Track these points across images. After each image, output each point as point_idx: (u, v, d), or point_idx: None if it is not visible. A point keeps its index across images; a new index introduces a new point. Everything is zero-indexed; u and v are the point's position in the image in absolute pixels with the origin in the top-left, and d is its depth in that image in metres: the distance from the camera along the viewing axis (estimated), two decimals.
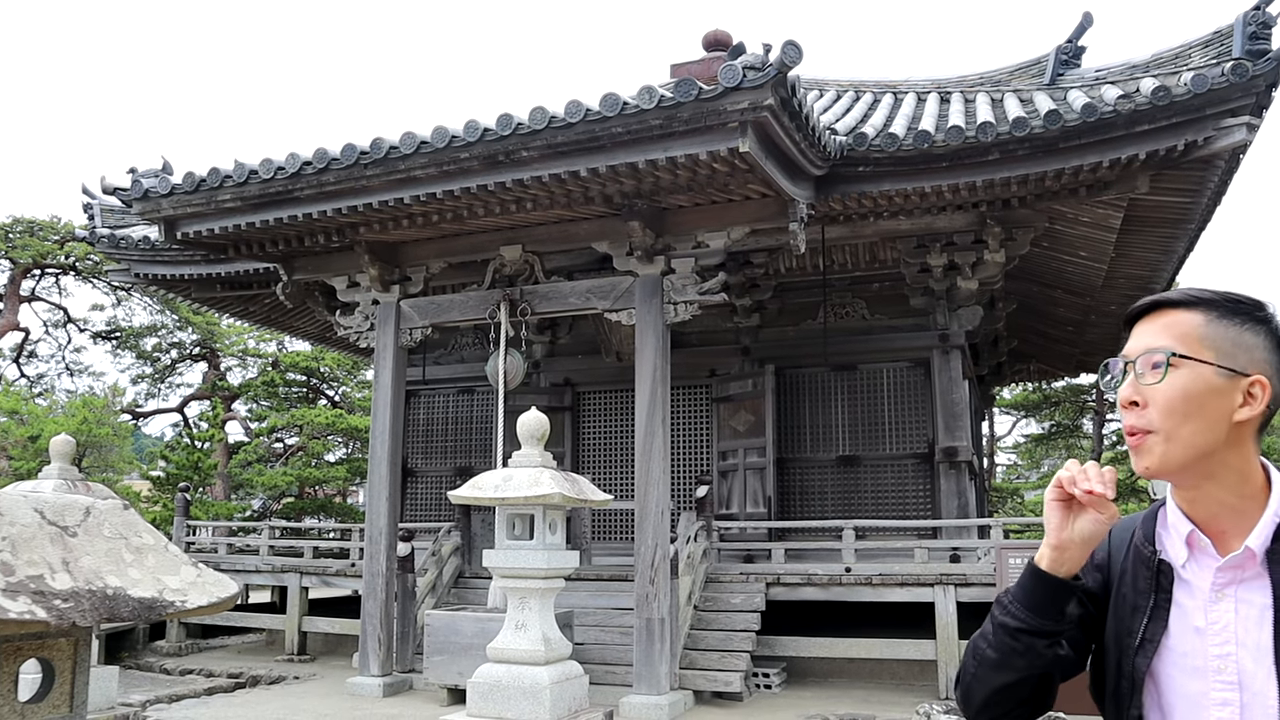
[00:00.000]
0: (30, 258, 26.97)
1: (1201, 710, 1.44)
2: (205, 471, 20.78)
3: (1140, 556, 1.56)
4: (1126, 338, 1.56)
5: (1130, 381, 1.49)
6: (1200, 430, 1.44)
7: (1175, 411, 1.44)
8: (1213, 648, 1.44)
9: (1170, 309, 1.51)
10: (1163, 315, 1.52)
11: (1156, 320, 1.52)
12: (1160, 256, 12.61)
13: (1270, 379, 1.45)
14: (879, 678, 11.03)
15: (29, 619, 2.21)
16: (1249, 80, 8.85)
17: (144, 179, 10.70)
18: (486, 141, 8.88)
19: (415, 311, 11.64)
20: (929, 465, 12.92)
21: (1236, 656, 1.42)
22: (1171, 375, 1.45)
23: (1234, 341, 1.46)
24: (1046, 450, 32.02)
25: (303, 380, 29.39)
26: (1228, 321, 1.47)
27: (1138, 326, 1.54)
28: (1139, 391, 1.48)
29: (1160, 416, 1.45)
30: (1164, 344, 1.47)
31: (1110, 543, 1.64)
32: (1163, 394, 1.45)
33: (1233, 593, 1.45)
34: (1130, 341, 1.54)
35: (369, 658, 10.86)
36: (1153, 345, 1.48)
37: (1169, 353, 1.46)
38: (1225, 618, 1.44)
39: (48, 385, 30.72)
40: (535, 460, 7.98)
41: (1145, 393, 1.47)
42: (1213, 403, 1.44)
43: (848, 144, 9.92)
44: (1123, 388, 1.50)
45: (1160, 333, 1.50)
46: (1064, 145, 9.42)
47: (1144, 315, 1.54)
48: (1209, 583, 1.47)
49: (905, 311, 13.45)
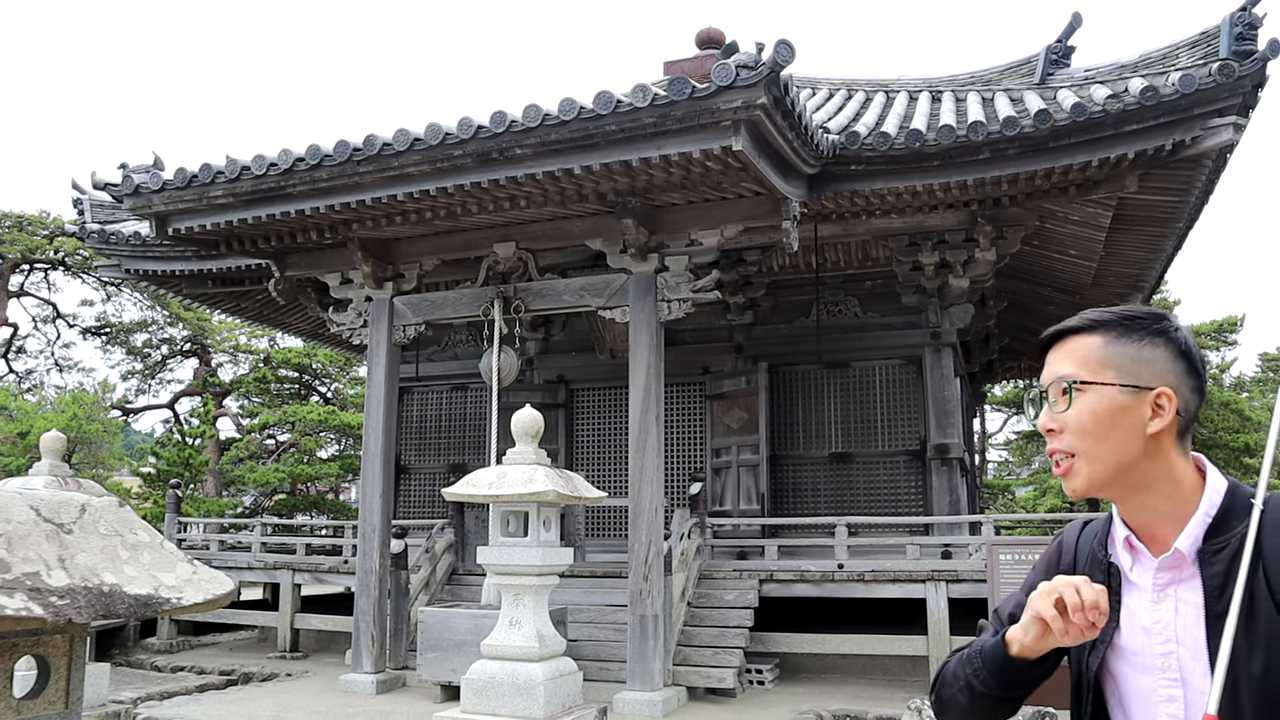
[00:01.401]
0: (19, 253, 26.88)
1: (1153, 706, 1.49)
2: (196, 468, 20.75)
3: (1095, 561, 1.62)
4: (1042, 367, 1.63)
5: (1045, 411, 1.57)
6: (1116, 447, 1.50)
7: (1088, 433, 1.51)
8: (1157, 646, 1.49)
9: (1072, 336, 1.58)
10: (1067, 343, 1.59)
11: (1062, 348, 1.59)
12: (1149, 255, 12.68)
13: (1175, 388, 1.50)
14: (871, 673, 11.08)
15: (25, 616, 2.22)
16: (1236, 80, 8.91)
17: (135, 174, 10.68)
18: (480, 139, 8.88)
19: (408, 308, 11.63)
20: (921, 462, 12.97)
21: (1178, 654, 1.47)
22: (1078, 400, 1.52)
23: (1134, 358, 1.52)
24: (1037, 447, 32.11)
25: (295, 377, 29.36)
26: (1126, 340, 1.53)
27: (1049, 356, 1.61)
28: (1054, 419, 1.55)
29: (1075, 439, 1.52)
30: (1068, 371, 1.55)
31: (1076, 549, 1.70)
32: (1073, 419, 1.52)
33: (1173, 593, 1.49)
34: (1044, 371, 1.61)
35: (362, 655, 10.86)
36: (1059, 374, 1.56)
37: (1070, 380, 1.53)
38: (1166, 617, 1.49)
39: (37, 381, 30.65)
40: (529, 457, 7.99)
41: (1059, 419, 1.54)
42: (1122, 420, 1.50)
43: (840, 143, 9.95)
44: (1041, 416, 1.58)
45: (1064, 360, 1.57)
46: (1054, 144, 9.47)
47: (1052, 345, 1.61)
48: (1151, 584, 1.52)
49: (897, 309, 13.49)
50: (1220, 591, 1.43)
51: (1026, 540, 11.08)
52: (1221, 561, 1.45)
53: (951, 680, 1.67)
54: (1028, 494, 31.41)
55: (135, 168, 11.03)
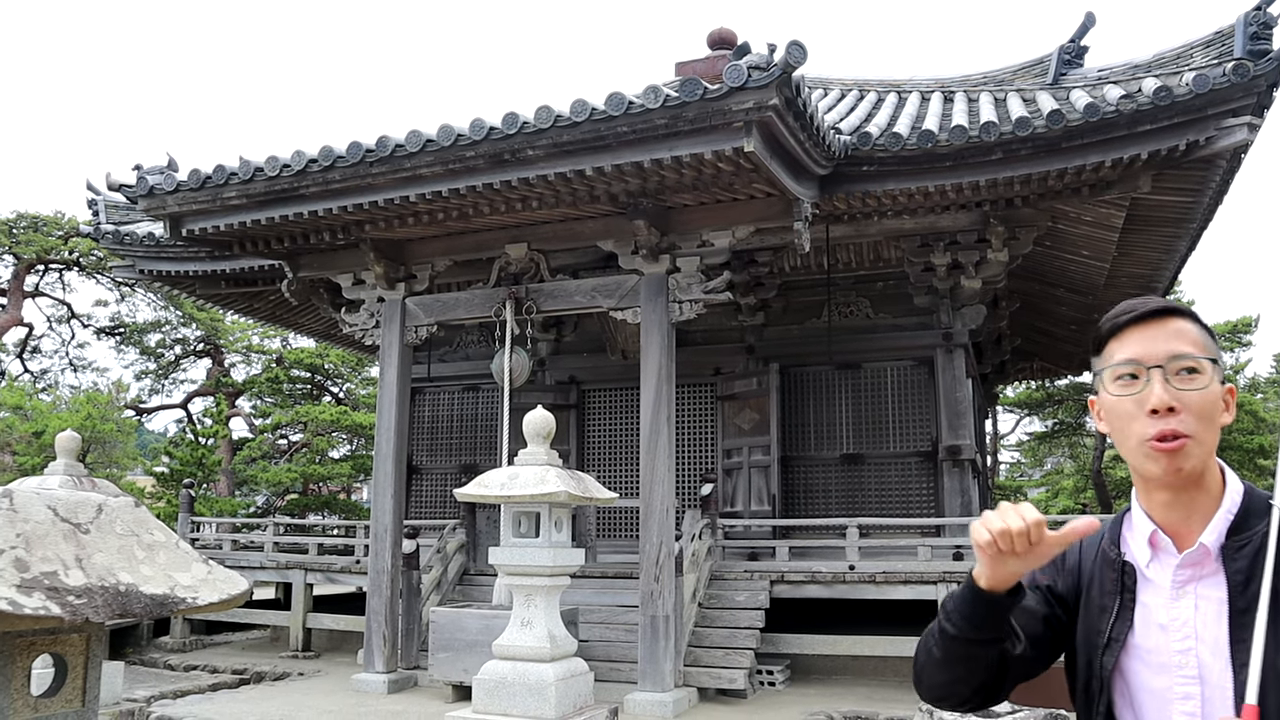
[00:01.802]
0: (34, 253, 27.02)
1: (1166, 705, 1.48)
2: (209, 468, 20.85)
3: (1106, 559, 1.60)
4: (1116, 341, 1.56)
5: (1165, 387, 1.48)
6: (1215, 433, 1.50)
7: (1205, 417, 1.48)
8: (1174, 643, 1.48)
9: (1175, 316, 1.54)
10: (1170, 322, 1.53)
11: (1165, 326, 1.53)
12: (1162, 256, 12.62)
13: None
14: (882, 675, 11.05)
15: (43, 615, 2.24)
16: (1250, 80, 8.86)
17: (149, 176, 10.73)
18: (492, 140, 8.90)
19: (420, 309, 11.66)
20: (932, 463, 12.94)
21: (1196, 651, 1.46)
22: (1197, 380, 1.48)
23: (1218, 353, 1.52)
24: (1049, 448, 32.00)
25: (307, 377, 29.44)
26: (1210, 335, 1.54)
27: (1139, 330, 1.54)
28: (1176, 396, 1.48)
29: (1195, 422, 1.48)
30: (1189, 350, 1.50)
31: (1081, 546, 1.67)
32: (1198, 400, 1.48)
33: (1193, 589, 1.49)
34: (1138, 345, 1.53)
35: (374, 654, 10.89)
36: (1180, 350, 1.50)
37: (1203, 357, 1.49)
38: (1185, 614, 1.48)
39: (51, 381, 30.79)
40: (541, 458, 8.01)
41: (1182, 398, 1.48)
42: (1217, 409, 1.50)
43: (852, 143, 9.93)
44: (1159, 392, 1.48)
45: (1176, 339, 1.51)
46: (1067, 145, 9.44)
47: (1146, 320, 1.54)
48: (1171, 581, 1.51)
49: (909, 310, 13.46)
50: (1244, 587, 1.43)
51: None
52: (1245, 558, 1.45)
53: (924, 640, 1.65)
54: (1040, 495, 31.31)
55: (149, 169, 11.08)
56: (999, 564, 1.45)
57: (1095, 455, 25.41)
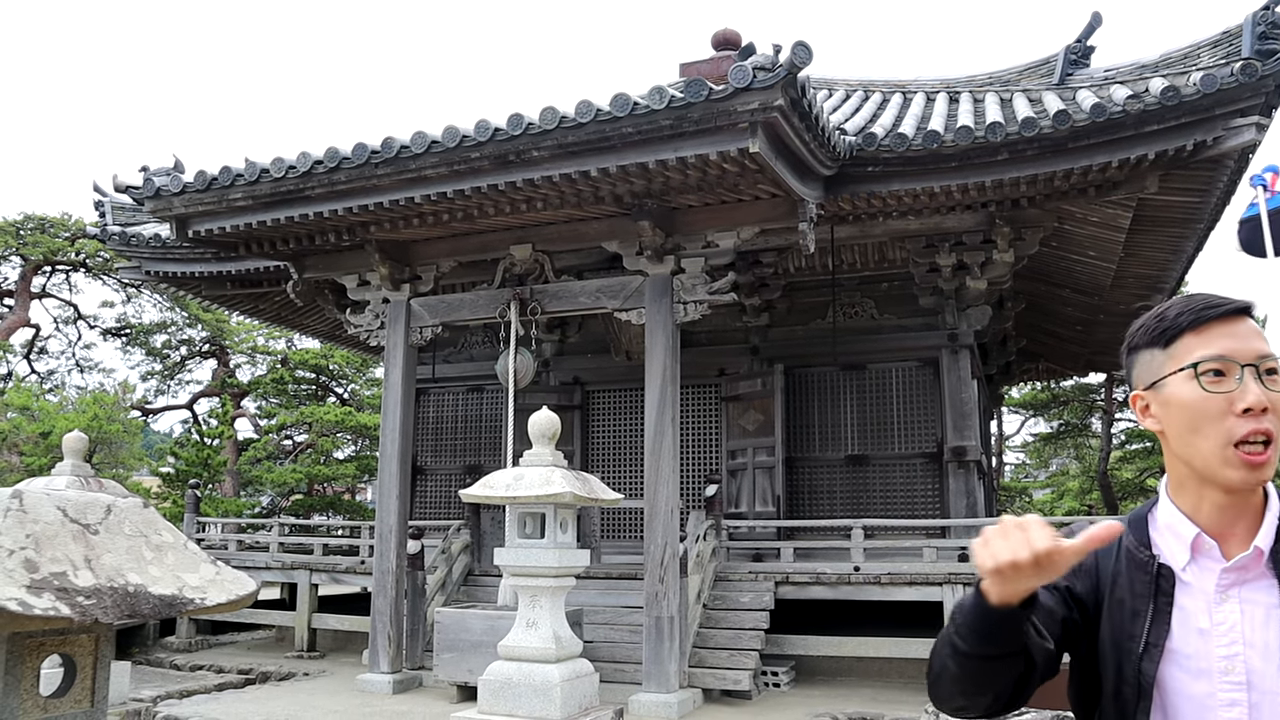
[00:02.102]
0: (41, 254, 27.09)
1: (1208, 712, 1.44)
2: (214, 468, 20.87)
3: (1135, 561, 1.55)
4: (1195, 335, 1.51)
5: (1259, 385, 1.45)
6: None
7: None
8: (1219, 649, 1.44)
9: (1247, 316, 1.52)
10: (1249, 321, 1.51)
11: (1248, 324, 1.50)
12: (1169, 256, 12.59)
13: None
14: (887, 677, 11.04)
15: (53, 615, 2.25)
16: (1258, 80, 8.83)
17: (156, 177, 10.76)
18: (497, 141, 8.91)
19: (425, 310, 11.68)
20: (938, 464, 12.92)
21: (1244, 657, 1.42)
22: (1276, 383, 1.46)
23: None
24: (1055, 449, 31.93)
25: (312, 378, 29.47)
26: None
27: (1224, 326, 1.50)
28: (1269, 397, 1.44)
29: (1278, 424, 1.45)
30: (1274, 351, 1.48)
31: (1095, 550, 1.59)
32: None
33: (1236, 594, 1.46)
34: (1227, 341, 1.48)
35: (379, 655, 10.91)
36: (1266, 351, 1.48)
37: None
38: (1231, 618, 1.44)
39: (58, 381, 30.85)
40: (546, 459, 8.01)
41: (1272, 399, 1.45)
42: None
43: (857, 144, 9.92)
44: (1255, 391, 1.44)
45: (1259, 338, 1.49)
46: (1073, 145, 9.42)
47: (1232, 317, 1.50)
48: (1212, 584, 1.47)
49: (914, 311, 13.44)
50: None
51: None
52: None
53: (938, 649, 1.55)
54: (1045, 497, 31.24)
55: (155, 170, 11.11)
56: (1009, 583, 1.35)
57: (1101, 457, 25.35)
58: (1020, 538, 1.32)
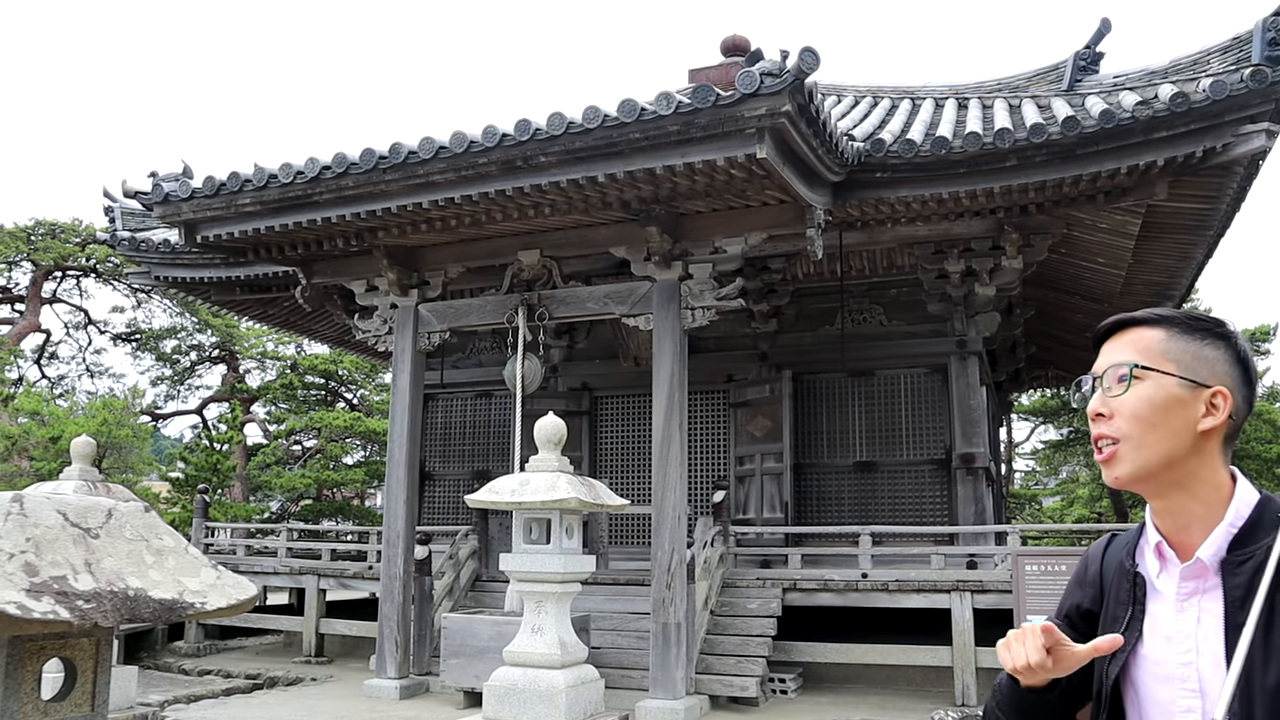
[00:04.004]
0: (52, 260, 27.23)
1: (1170, 717, 1.49)
2: (224, 473, 20.92)
3: (1122, 570, 1.62)
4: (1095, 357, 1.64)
5: (1098, 395, 1.57)
6: (1165, 438, 1.50)
7: (1141, 419, 1.51)
8: (1178, 656, 1.48)
9: (1134, 327, 1.59)
10: (1127, 333, 1.59)
11: (1121, 338, 1.60)
12: (1179, 263, 12.53)
13: (1232, 391, 1.51)
14: (895, 684, 11.00)
15: (52, 619, 2.25)
16: (1268, 86, 8.79)
17: (164, 183, 10.80)
18: (505, 147, 8.92)
19: (433, 315, 11.69)
20: (946, 471, 12.88)
21: (1197, 664, 1.46)
22: (1136, 386, 1.52)
23: (1194, 355, 1.53)
24: (1065, 457, 31.82)
25: (321, 383, 29.55)
26: (1188, 337, 1.55)
27: (1105, 345, 1.62)
28: (1106, 403, 1.55)
29: (1127, 424, 1.52)
30: (1128, 358, 1.55)
31: (1104, 559, 1.70)
32: (1128, 404, 1.52)
33: (1196, 602, 1.49)
34: (1099, 359, 1.61)
35: (386, 660, 10.90)
36: (1117, 360, 1.56)
37: (1132, 365, 1.53)
38: (1188, 627, 1.48)
39: (68, 386, 31.02)
40: (552, 465, 8.01)
41: (1112, 404, 1.54)
42: (1177, 412, 1.50)
43: (865, 150, 9.91)
44: (1092, 401, 1.58)
45: (1124, 348, 1.57)
46: (1082, 151, 9.39)
47: (1110, 335, 1.63)
48: (1176, 593, 1.52)
49: (923, 318, 13.41)
50: (1242, 603, 1.42)
51: (1053, 551, 10.95)
52: (1245, 573, 1.43)
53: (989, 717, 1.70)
54: (1055, 504, 31.13)
55: (165, 176, 11.14)
56: (1030, 678, 1.52)
57: None
58: (1019, 650, 1.51)
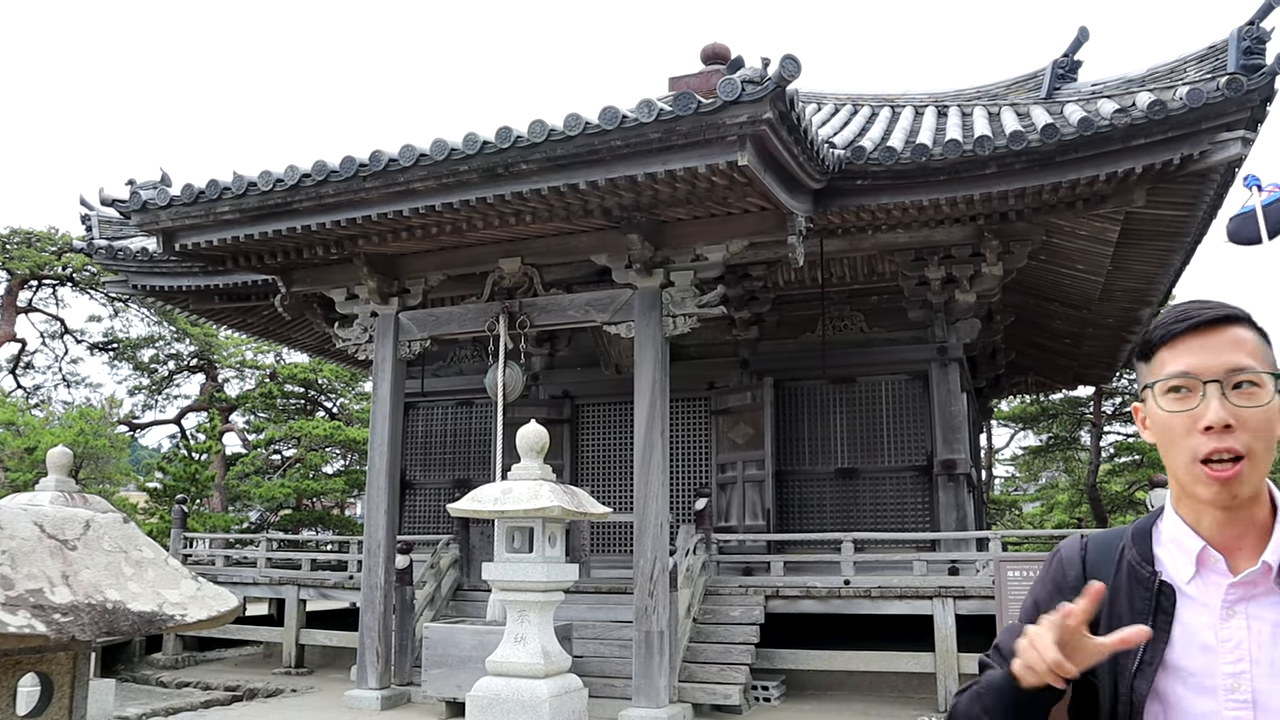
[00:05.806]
0: (27, 268, 26.94)
1: None
2: (202, 483, 20.75)
3: (1137, 577, 1.51)
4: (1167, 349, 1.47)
5: (1222, 403, 1.40)
6: (1272, 453, 1.42)
7: (1264, 435, 1.40)
8: (1225, 666, 1.41)
9: (1233, 324, 1.45)
10: (1228, 330, 1.45)
11: (1223, 335, 1.44)
12: (1157, 269, 12.64)
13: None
14: (878, 690, 11.01)
15: (28, 633, 2.21)
16: (1244, 94, 8.89)
17: (142, 191, 10.72)
18: (485, 154, 8.90)
19: (414, 324, 11.64)
20: (927, 478, 12.92)
21: (1250, 674, 1.39)
22: (1256, 394, 1.40)
23: (1274, 363, 1.44)
24: (1044, 463, 31.99)
25: (301, 392, 29.37)
26: (1263, 338, 1.45)
27: (1194, 339, 1.45)
28: (1234, 413, 1.39)
29: (1254, 439, 1.40)
30: (1246, 363, 1.41)
31: (1086, 560, 1.60)
32: (1256, 417, 1.40)
33: (1243, 609, 1.42)
34: (1193, 356, 1.44)
35: (367, 670, 10.82)
36: (1236, 364, 1.41)
37: (1266, 372, 1.40)
38: (1237, 635, 1.41)
39: (44, 396, 30.66)
40: (534, 473, 7.99)
41: (1240, 415, 1.40)
42: (1277, 424, 1.42)
43: (846, 157, 9.95)
44: (1215, 409, 1.40)
45: (1233, 349, 1.43)
46: (1061, 159, 9.46)
47: (1203, 329, 1.45)
48: (1218, 600, 1.44)
49: (903, 324, 13.47)
50: None
51: (1034, 556, 11.01)
52: None
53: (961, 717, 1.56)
54: (1035, 510, 31.29)
55: (143, 184, 11.06)
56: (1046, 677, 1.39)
57: (1090, 469, 25.40)
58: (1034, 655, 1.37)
